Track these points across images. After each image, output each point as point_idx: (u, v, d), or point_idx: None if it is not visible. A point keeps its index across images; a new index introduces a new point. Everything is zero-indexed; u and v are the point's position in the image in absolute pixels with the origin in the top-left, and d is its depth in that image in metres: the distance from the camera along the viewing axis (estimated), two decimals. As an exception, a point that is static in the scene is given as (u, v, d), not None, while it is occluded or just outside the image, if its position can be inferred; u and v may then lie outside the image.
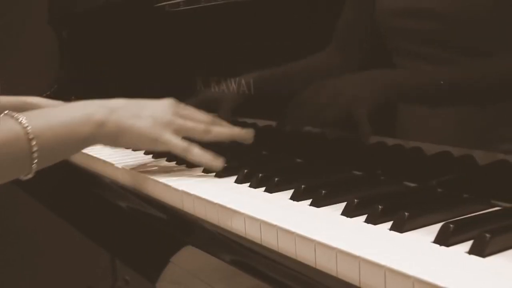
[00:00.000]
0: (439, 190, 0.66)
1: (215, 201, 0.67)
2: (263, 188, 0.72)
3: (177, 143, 0.80)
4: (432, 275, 0.43)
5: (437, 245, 0.50)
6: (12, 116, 0.73)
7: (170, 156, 0.92)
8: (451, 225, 0.51)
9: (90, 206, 1.05)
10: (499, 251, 0.48)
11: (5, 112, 0.74)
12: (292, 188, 0.68)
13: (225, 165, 0.80)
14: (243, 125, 0.88)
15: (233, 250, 0.64)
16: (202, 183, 0.77)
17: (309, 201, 0.65)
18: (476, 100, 0.63)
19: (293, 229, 0.56)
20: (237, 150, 0.88)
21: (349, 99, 0.76)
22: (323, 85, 0.80)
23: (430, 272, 0.44)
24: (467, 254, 0.48)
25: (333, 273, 0.51)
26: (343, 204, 0.62)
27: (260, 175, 0.73)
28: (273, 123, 0.90)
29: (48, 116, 0.78)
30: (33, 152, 0.73)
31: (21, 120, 0.73)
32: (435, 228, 0.52)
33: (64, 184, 1.10)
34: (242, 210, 0.63)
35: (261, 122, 0.93)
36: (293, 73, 0.86)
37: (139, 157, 0.98)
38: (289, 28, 0.86)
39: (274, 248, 0.58)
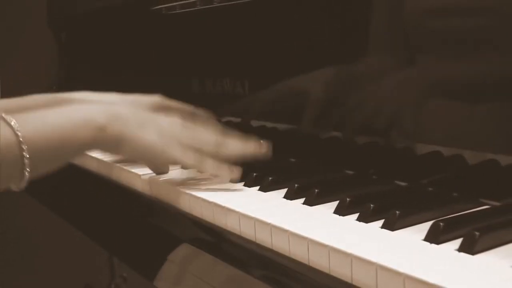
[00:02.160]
0: (429, 189, 0.66)
1: (210, 199, 0.67)
2: (257, 187, 0.72)
3: (188, 155, 0.72)
4: (423, 272, 0.43)
5: (428, 243, 0.50)
6: (3, 118, 0.65)
7: None
8: (441, 223, 0.51)
9: (89, 206, 1.05)
10: (488, 248, 0.48)
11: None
12: (285, 187, 0.68)
13: None
14: (237, 125, 0.88)
15: (229, 247, 0.64)
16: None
17: (302, 200, 0.65)
18: (474, 100, 0.62)
19: (286, 227, 0.56)
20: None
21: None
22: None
23: (421, 269, 0.44)
24: (457, 252, 0.48)
25: (326, 270, 0.51)
26: (335, 203, 0.61)
27: (255, 174, 0.73)
28: (268, 124, 0.90)
29: (43, 117, 0.70)
30: (25, 159, 0.65)
31: (12, 123, 0.65)
32: (426, 226, 0.52)
33: (63, 183, 1.10)
34: (237, 209, 0.63)
35: (255, 123, 0.93)
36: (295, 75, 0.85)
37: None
38: (286, 29, 0.86)
39: (268, 245, 0.58)
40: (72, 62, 1.55)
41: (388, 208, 0.56)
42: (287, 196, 0.67)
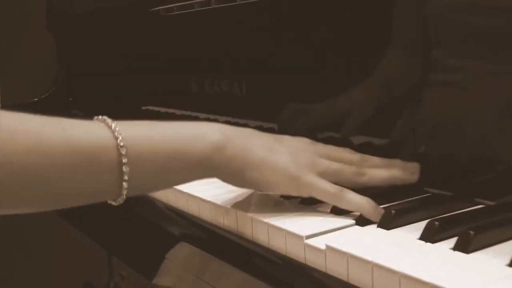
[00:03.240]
0: (424, 188, 0.66)
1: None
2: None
3: (325, 186, 0.59)
4: (418, 271, 0.43)
5: (423, 242, 0.50)
6: (103, 121, 0.56)
7: None
8: (436, 223, 0.51)
9: (89, 205, 1.05)
10: (483, 247, 0.48)
11: (98, 117, 0.56)
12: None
13: None
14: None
15: (224, 244, 0.64)
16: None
17: (298, 200, 0.65)
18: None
19: (283, 227, 0.56)
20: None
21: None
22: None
23: (416, 268, 0.44)
24: (452, 251, 0.48)
25: (322, 269, 0.51)
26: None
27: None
28: (264, 124, 0.90)
29: (146, 126, 0.58)
30: (123, 167, 0.54)
31: (113, 126, 0.55)
32: (421, 226, 0.52)
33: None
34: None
35: (247, 122, 0.93)
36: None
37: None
38: (283, 30, 0.86)
39: (265, 244, 0.58)
40: (72, 63, 1.55)
41: (383, 208, 0.56)
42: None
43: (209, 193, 0.69)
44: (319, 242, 0.52)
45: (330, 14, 0.77)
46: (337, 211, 0.59)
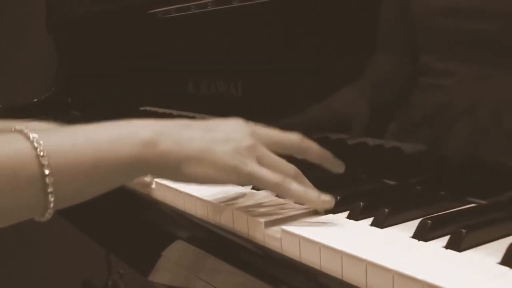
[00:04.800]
0: (417, 187, 0.65)
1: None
2: (251, 186, 0.71)
3: (267, 175, 0.56)
4: (411, 269, 0.43)
5: (416, 240, 0.50)
6: (21, 132, 0.51)
7: None
8: (429, 221, 0.50)
9: (87, 204, 1.04)
10: (475, 245, 0.48)
11: (15, 127, 0.52)
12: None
13: None
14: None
15: (218, 240, 0.64)
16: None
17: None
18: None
19: (281, 226, 0.56)
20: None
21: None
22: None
23: (409, 266, 0.44)
24: (444, 249, 0.48)
25: (317, 267, 0.51)
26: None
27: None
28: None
29: (71, 133, 0.54)
30: (46, 178, 0.50)
31: (32, 138, 0.50)
32: (414, 224, 0.52)
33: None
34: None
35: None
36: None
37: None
38: (278, 31, 0.86)
39: (261, 242, 0.58)
40: (71, 64, 1.55)
41: (377, 206, 0.56)
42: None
43: (206, 192, 0.69)
44: (317, 241, 0.52)
45: (325, 17, 0.77)
46: (334, 209, 0.59)
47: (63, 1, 1.51)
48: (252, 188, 0.70)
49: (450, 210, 0.58)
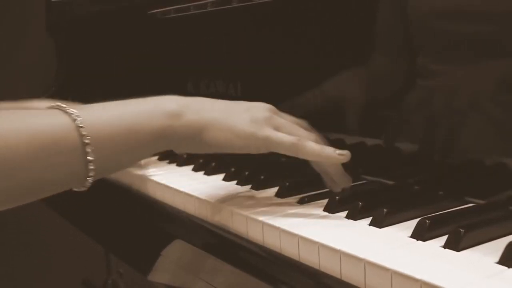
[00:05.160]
0: (416, 187, 0.65)
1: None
2: (249, 186, 0.71)
3: (283, 136, 0.59)
4: (409, 268, 0.43)
5: (414, 240, 0.50)
6: (59, 107, 0.56)
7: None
8: (427, 221, 0.50)
9: (87, 203, 1.05)
10: (473, 245, 0.48)
11: (52, 104, 0.57)
12: (277, 186, 0.68)
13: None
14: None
15: (217, 239, 0.64)
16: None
17: (294, 199, 0.65)
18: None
19: (278, 225, 0.56)
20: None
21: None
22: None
23: (407, 265, 0.44)
24: (442, 248, 0.48)
25: (316, 266, 0.51)
26: (325, 201, 0.61)
27: (247, 173, 0.73)
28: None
29: (104, 108, 0.58)
30: (87, 151, 0.54)
31: (70, 111, 0.55)
32: (412, 224, 0.52)
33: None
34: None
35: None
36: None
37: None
38: (277, 32, 0.86)
39: (260, 242, 0.58)
40: (71, 64, 1.55)
41: (376, 206, 0.56)
42: (278, 195, 0.67)
43: (205, 192, 0.69)
44: (316, 241, 0.52)
45: (324, 19, 0.77)
46: (332, 209, 0.59)
47: (63, 1, 1.51)
48: (252, 188, 0.71)
49: (448, 210, 0.58)
